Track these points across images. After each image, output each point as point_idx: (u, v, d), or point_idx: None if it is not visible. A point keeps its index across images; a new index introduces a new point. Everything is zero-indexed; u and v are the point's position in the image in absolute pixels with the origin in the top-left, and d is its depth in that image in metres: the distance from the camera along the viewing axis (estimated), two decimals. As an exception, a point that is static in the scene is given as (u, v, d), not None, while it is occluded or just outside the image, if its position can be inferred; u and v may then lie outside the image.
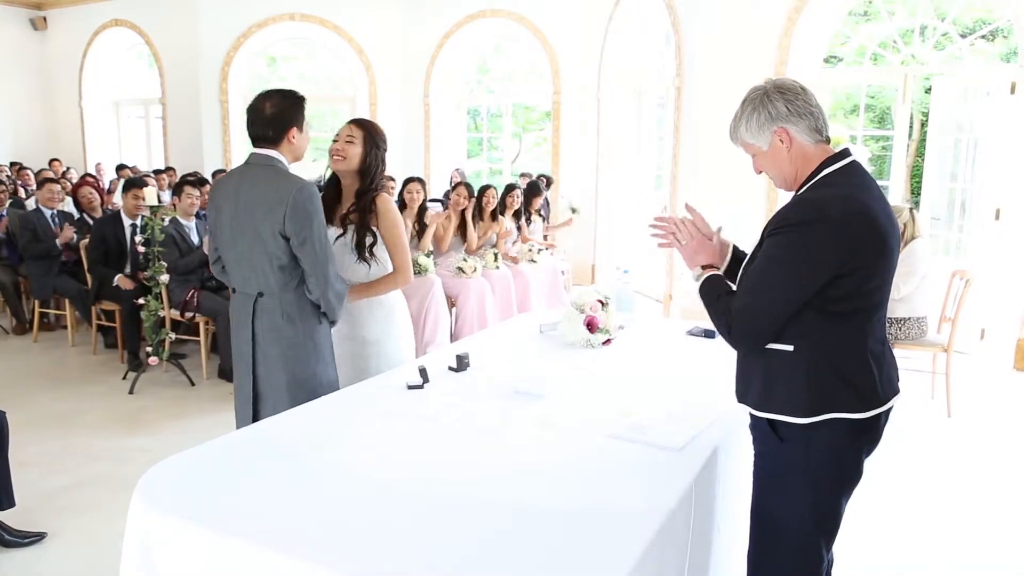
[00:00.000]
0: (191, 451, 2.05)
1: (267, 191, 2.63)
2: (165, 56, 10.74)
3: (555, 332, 3.26)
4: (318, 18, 10.31)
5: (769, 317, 1.82)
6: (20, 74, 12.07)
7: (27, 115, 12.24)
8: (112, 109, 12.33)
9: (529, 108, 16.89)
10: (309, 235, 2.61)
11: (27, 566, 3.13)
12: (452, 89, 10.60)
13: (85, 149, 12.07)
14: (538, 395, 2.46)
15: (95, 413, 4.89)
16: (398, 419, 2.28)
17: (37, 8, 12.05)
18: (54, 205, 6.70)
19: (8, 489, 3.24)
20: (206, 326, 5.60)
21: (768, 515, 1.98)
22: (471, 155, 11.48)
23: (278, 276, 2.67)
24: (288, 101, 2.71)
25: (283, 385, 2.72)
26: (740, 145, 2.02)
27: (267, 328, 2.71)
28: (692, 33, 6.84)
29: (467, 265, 5.91)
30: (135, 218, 5.99)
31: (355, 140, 2.94)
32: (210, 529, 1.68)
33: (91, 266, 5.99)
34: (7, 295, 7.02)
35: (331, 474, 1.92)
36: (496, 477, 1.91)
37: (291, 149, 2.73)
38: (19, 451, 3.34)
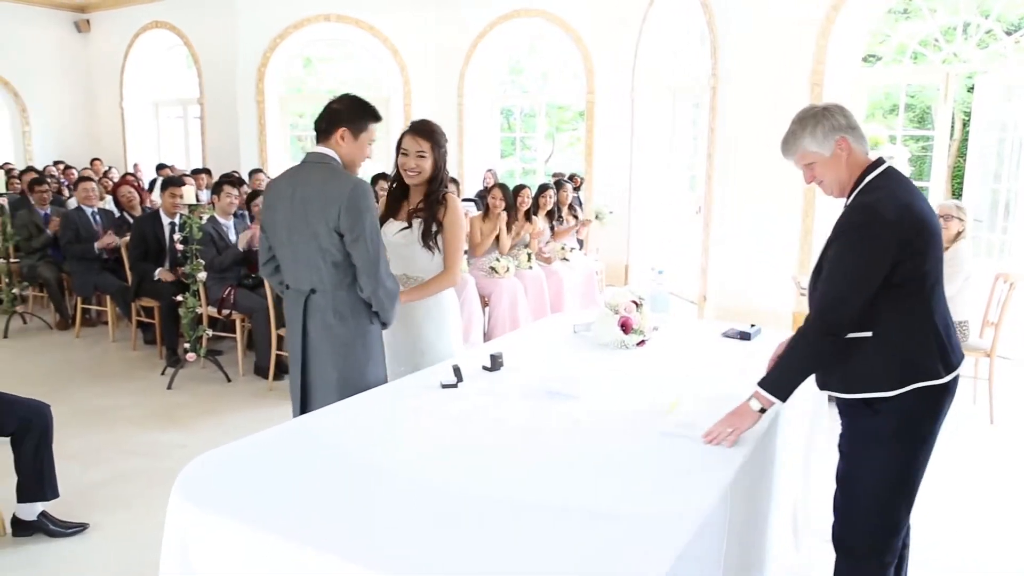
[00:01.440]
0: (228, 446, 2.08)
1: (322, 188, 2.64)
2: (203, 57, 10.90)
3: (589, 333, 3.25)
4: (353, 19, 10.39)
5: (851, 308, 2.07)
6: (65, 76, 12.34)
7: (71, 116, 12.51)
8: (152, 109, 12.55)
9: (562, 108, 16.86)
10: (362, 232, 2.62)
11: (71, 556, 3.20)
12: (486, 89, 10.62)
13: (125, 149, 12.29)
14: (572, 396, 2.45)
15: (134, 408, 4.98)
16: (432, 418, 2.29)
17: (81, 11, 12.30)
18: (91, 203, 6.83)
19: (53, 481, 3.32)
20: (242, 323, 5.67)
21: (856, 484, 2.19)
22: (504, 155, 11.48)
23: (331, 273, 2.69)
24: (352, 105, 2.75)
25: (333, 383, 2.73)
26: (796, 157, 2.24)
27: (319, 326, 2.73)
28: (727, 33, 6.78)
29: (500, 265, 5.92)
30: (173, 216, 6.09)
31: (426, 154, 2.99)
32: (246, 524, 1.70)
33: (132, 264, 6.10)
34: (51, 291, 7.17)
35: (365, 472, 1.93)
36: (529, 477, 1.91)
37: (340, 150, 2.73)
38: (62, 444, 3.41)
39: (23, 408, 3.28)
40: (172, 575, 1.84)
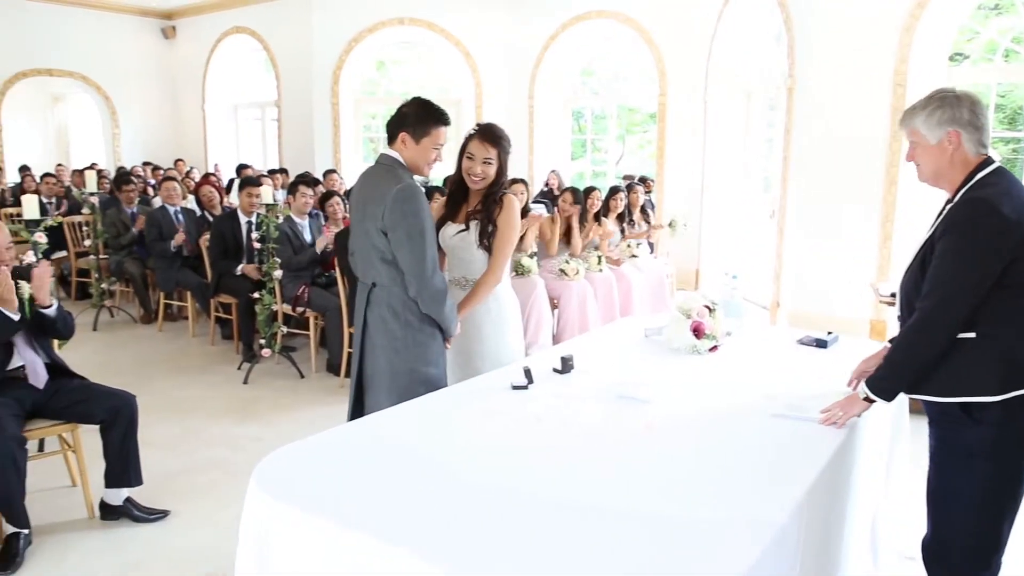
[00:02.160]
0: (304, 441, 2.13)
1: (374, 189, 2.75)
2: (281, 61, 11.19)
3: (660, 337, 3.21)
4: (426, 22, 10.51)
5: (961, 307, 2.00)
6: (151, 80, 12.85)
7: (157, 118, 13.02)
8: (231, 112, 12.95)
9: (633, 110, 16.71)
10: (404, 233, 2.68)
11: (153, 540, 3.33)
12: (557, 91, 10.61)
13: (206, 150, 12.72)
14: (643, 400, 2.43)
15: (212, 401, 5.14)
16: (503, 419, 2.30)
17: (168, 19, 12.79)
18: (174, 202, 7.08)
19: (137, 468, 3.46)
20: (316, 321, 5.80)
21: (952, 497, 2.11)
22: (575, 157, 11.45)
23: (385, 270, 2.77)
24: (416, 110, 2.79)
25: (384, 376, 2.80)
26: (907, 130, 2.18)
27: (376, 318, 2.81)
28: (805, 32, 6.62)
29: (570, 267, 5.90)
30: (251, 215, 6.27)
31: (492, 161, 2.99)
32: (321, 517, 1.73)
33: (212, 261, 6.30)
34: (136, 286, 7.47)
35: (438, 471, 1.95)
36: (600, 481, 1.90)
37: (406, 150, 2.79)
38: (145, 433, 3.55)
39: (112, 398, 3.43)
40: (249, 563, 1.90)
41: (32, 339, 3.43)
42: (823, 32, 6.42)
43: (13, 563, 3.07)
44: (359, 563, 1.63)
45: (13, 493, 3.10)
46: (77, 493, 3.61)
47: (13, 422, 3.16)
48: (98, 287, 7.26)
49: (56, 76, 12.02)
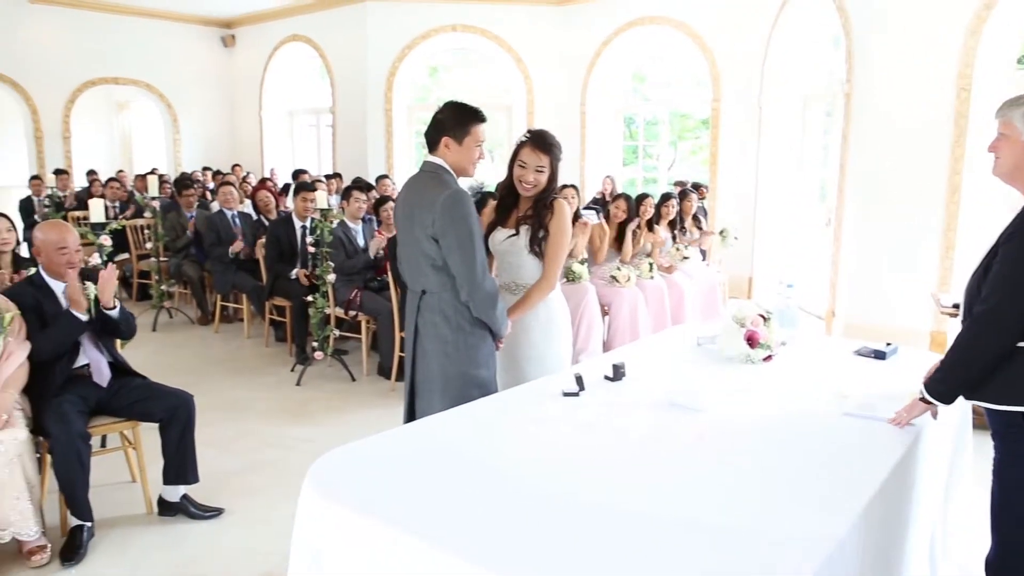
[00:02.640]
0: (357, 443, 2.15)
1: (422, 196, 2.78)
2: (336, 68, 11.38)
3: (713, 345, 3.18)
4: (479, 28, 10.59)
5: (1020, 311, 1.98)
6: (211, 87, 13.18)
7: (215, 124, 13.34)
8: (287, 118, 13.20)
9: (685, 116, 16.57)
10: (454, 239, 2.71)
11: (209, 537, 3.41)
12: (608, 96, 10.58)
13: (263, 155, 12.98)
14: (696, 409, 2.40)
15: (266, 401, 5.24)
16: (554, 425, 2.30)
17: (227, 27, 13.11)
18: (231, 206, 7.24)
19: (194, 466, 3.54)
20: (367, 325, 5.87)
21: (1016, 512, 2.07)
22: (626, 163, 11.39)
23: (435, 276, 2.80)
24: (453, 113, 2.83)
25: (437, 380, 2.84)
26: (1001, 120, 2.14)
27: (427, 324, 2.85)
28: (865, 35, 6.48)
29: (621, 274, 5.87)
30: (305, 220, 6.38)
31: (545, 168, 3.01)
32: (373, 518, 1.75)
33: (267, 265, 6.42)
34: (194, 288, 7.66)
35: (489, 476, 1.95)
36: (652, 490, 1.88)
37: (449, 155, 2.82)
38: (201, 432, 3.62)
39: (170, 397, 3.52)
40: (302, 563, 1.92)
41: (96, 339, 3.54)
42: (883, 35, 6.28)
43: (77, 554, 3.17)
44: (410, 566, 1.64)
45: (78, 486, 3.20)
46: (137, 489, 3.71)
47: (79, 418, 3.27)
48: (158, 289, 7.46)
49: (121, 84, 12.40)
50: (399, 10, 10.58)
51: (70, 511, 3.25)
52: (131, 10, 11.82)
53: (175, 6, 11.97)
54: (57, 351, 3.37)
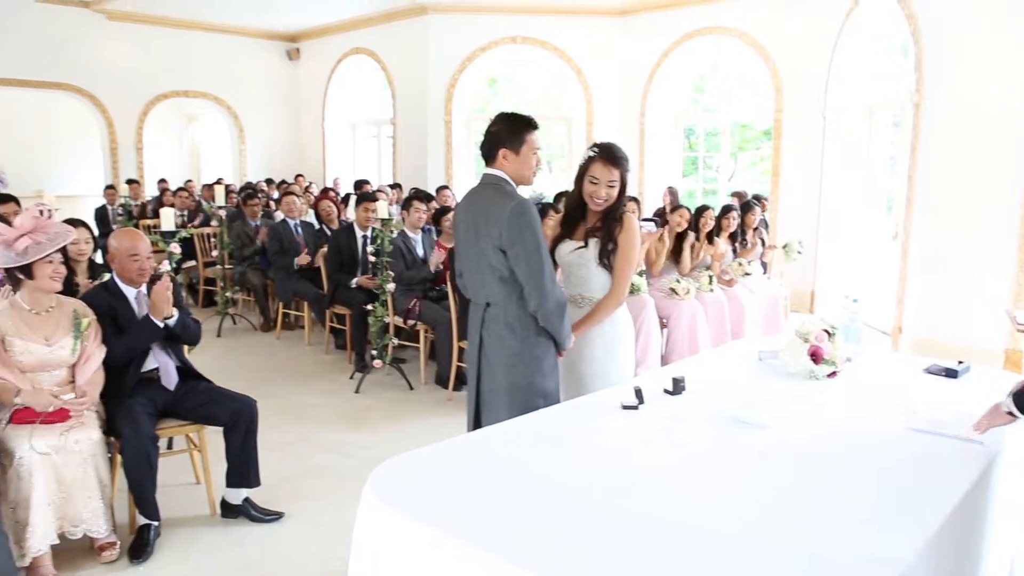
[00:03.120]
0: (418, 451, 2.17)
1: (487, 208, 2.79)
2: (397, 80, 11.56)
3: (775, 360, 3.11)
4: (539, 40, 10.64)
5: None
6: (276, 100, 13.53)
7: (280, 135, 13.68)
8: (349, 129, 13.44)
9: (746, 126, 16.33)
10: (522, 249, 2.72)
11: (269, 540, 3.47)
12: (669, 107, 10.51)
13: (325, 166, 13.24)
14: (758, 425, 2.35)
15: (325, 408, 5.32)
16: (613, 438, 2.28)
17: (292, 41, 13.44)
18: (294, 216, 7.40)
19: (256, 470, 3.61)
20: (426, 334, 5.92)
21: None
22: (685, 174, 11.29)
23: (501, 288, 2.81)
24: (506, 124, 2.85)
25: (503, 392, 2.84)
26: None
27: (492, 337, 2.86)
28: (936, 43, 6.31)
29: (680, 287, 5.80)
30: (366, 229, 6.47)
31: (616, 183, 3.01)
32: (432, 527, 1.76)
33: (329, 273, 6.54)
34: (257, 296, 7.84)
35: (547, 487, 1.95)
36: (714, 507, 1.85)
37: (508, 166, 2.84)
38: (262, 436, 3.69)
39: (234, 402, 3.60)
40: (361, 568, 1.95)
41: (165, 343, 3.65)
42: (955, 43, 6.10)
43: (144, 552, 3.26)
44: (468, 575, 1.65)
45: (146, 486, 3.30)
46: (201, 490, 3.80)
47: (148, 420, 3.37)
48: (223, 296, 7.66)
49: (192, 97, 12.83)
50: (459, 22, 10.70)
51: (138, 510, 3.35)
52: (202, 25, 12.22)
53: (243, 21, 12.34)
54: (131, 355, 3.48)
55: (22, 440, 3.02)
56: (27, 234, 3.18)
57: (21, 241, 3.17)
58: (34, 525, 2.97)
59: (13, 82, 10.95)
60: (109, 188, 10.69)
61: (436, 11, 10.66)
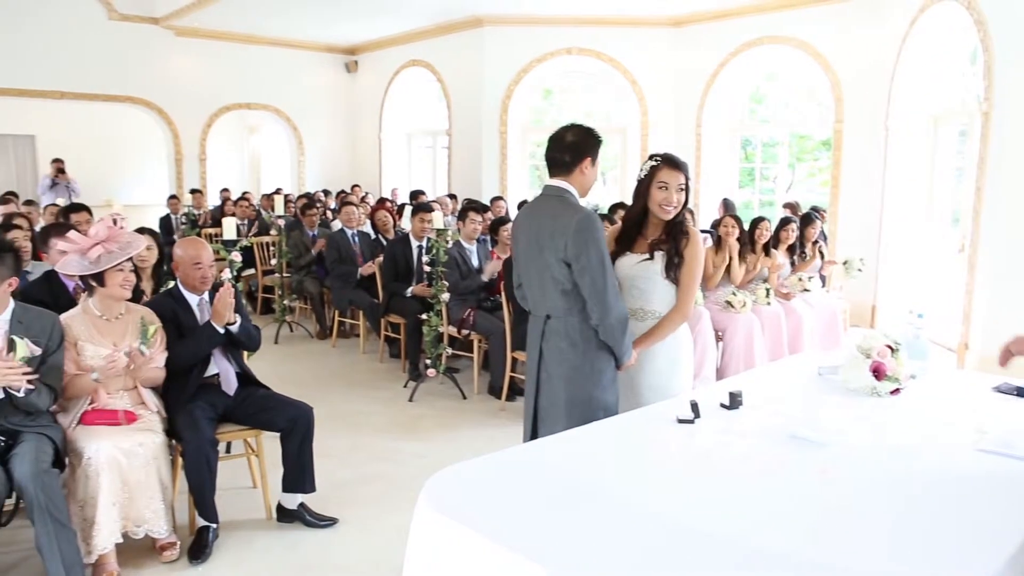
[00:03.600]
0: (473, 461, 2.18)
1: (553, 220, 2.79)
2: (453, 92, 11.67)
3: (835, 376, 3.04)
4: (594, 51, 10.63)
5: None
6: (334, 112, 13.80)
7: (337, 146, 13.94)
8: (405, 140, 13.62)
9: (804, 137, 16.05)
10: (588, 262, 2.71)
11: (323, 545, 3.52)
12: (725, 118, 10.40)
13: (381, 176, 13.43)
14: (819, 442, 2.30)
15: (379, 416, 5.37)
16: (669, 453, 2.26)
17: (351, 53, 13.69)
18: (352, 225, 7.51)
19: (311, 476, 3.66)
20: (479, 344, 5.94)
21: None
22: (742, 185, 11.14)
23: (563, 301, 2.80)
24: (588, 134, 2.89)
25: (562, 405, 2.83)
26: None
27: (552, 349, 2.85)
28: (1006, 51, 6.11)
29: (736, 299, 5.72)
30: (422, 240, 6.53)
31: (683, 187, 3.01)
32: (487, 537, 1.77)
33: (384, 283, 6.61)
34: (314, 304, 7.97)
35: (603, 500, 1.94)
36: (772, 526, 1.81)
37: (581, 180, 2.86)
38: (317, 443, 3.74)
39: (291, 408, 3.66)
40: (415, 574, 1.96)
41: (226, 350, 3.73)
42: (1027, 52, 5.91)
43: (203, 554, 3.34)
44: (523, 587, 1.65)
45: (206, 489, 3.38)
46: (257, 495, 3.88)
47: (208, 425, 3.45)
48: (280, 303, 7.80)
49: (253, 109, 13.16)
50: (515, 34, 10.76)
51: (198, 512, 3.43)
52: (264, 40, 12.53)
53: (304, 35, 12.62)
54: (193, 361, 3.57)
55: (90, 441, 3.12)
56: (100, 243, 3.30)
57: (94, 250, 3.28)
58: (100, 524, 3.06)
59: (86, 96, 11.39)
60: (172, 198, 11.01)
61: (491, 23, 10.74)
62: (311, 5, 10.41)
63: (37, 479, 2.85)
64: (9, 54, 10.66)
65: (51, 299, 3.72)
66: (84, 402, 3.30)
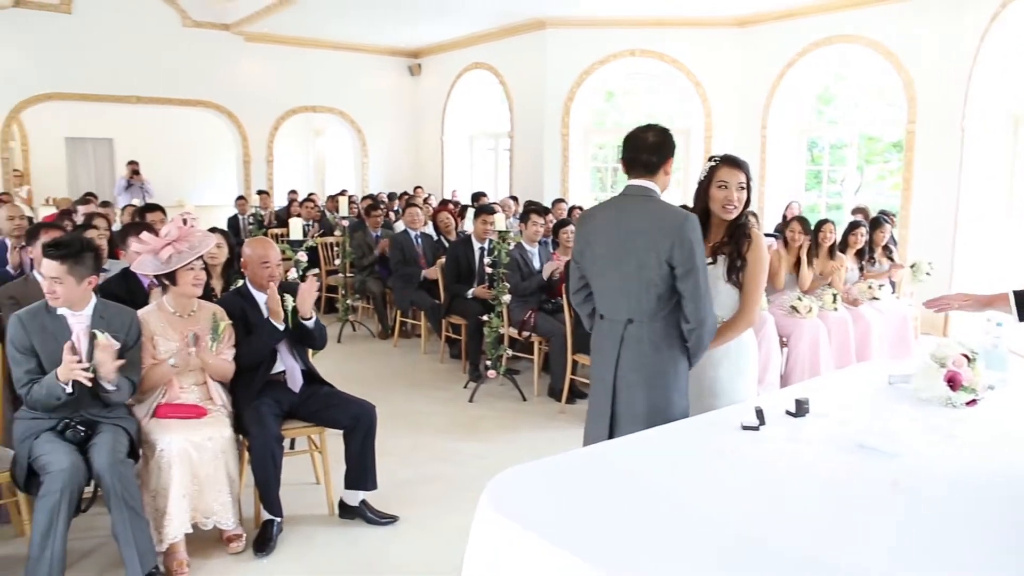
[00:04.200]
0: (536, 463, 2.18)
1: (651, 220, 2.71)
2: (515, 94, 11.71)
3: (907, 385, 2.95)
4: (657, 53, 10.55)
5: None
6: (397, 114, 13.99)
7: (400, 148, 14.13)
8: (467, 142, 13.72)
9: (874, 139, 15.61)
10: (694, 266, 2.65)
11: (383, 542, 3.57)
12: (791, 119, 10.19)
13: (443, 178, 13.56)
14: (889, 453, 2.23)
15: (439, 416, 5.42)
16: (733, 460, 2.22)
17: (414, 57, 13.86)
18: (416, 227, 7.59)
19: (373, 473, 3.71)
20: (540, 346, 5.94)
21: None
22: (808, 188, 10.89)
23: (652, 304, 2.73)
24: (668, 134, 2.86)
25: (642, 411, 2.76)
26: None
27: (633, 354, 2.78)
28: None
29: (802, 304, 5.59)
30: (483, 241, 6.57)
31: (744, 186, 2.96)
32: (549, 540, 1.76)
33: (446, 284, 6.67)
34: (376, 304, 8.09)
35: (665, 506, 1.92)
36: (839, 538, 1.76)
37: (664, 181, 2.83)
38: (379, 442, 3.79)
39: (355, 406, 3.72)
40: (474, 574, 1.97)
41: (292, 347, 3.82)
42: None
43: (268, 546, 3.42)
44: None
45: (271, 483, 3.46)
46: (320, 491, 3.94)
47: (274, 421, 3.53)
48: (344, 303, 7.94)
49: (319, 112, 13.44)
50: (577, 36, 10.74)
51: (263, 506, 3.51)
52: (329, 43, 12.79)
53: (368, 38, 12.83)
54: (255, 358, 3.66)
55: (163, 433, 3.22)
56: (171, 243, 3.41)
57: (165, 250, 3.40)
58: (171, 514, 3.16)
59: (161, 100, 11.80)
60: (240, 199, 11.31)
61: (554, 25, 10.74)
62: (375, 9, 10.57)
63: (114, 469, 2.96)
64: (90, 62, 11.10)
65: (128, 295, 3.86)
66: (158, 395, 3.41)
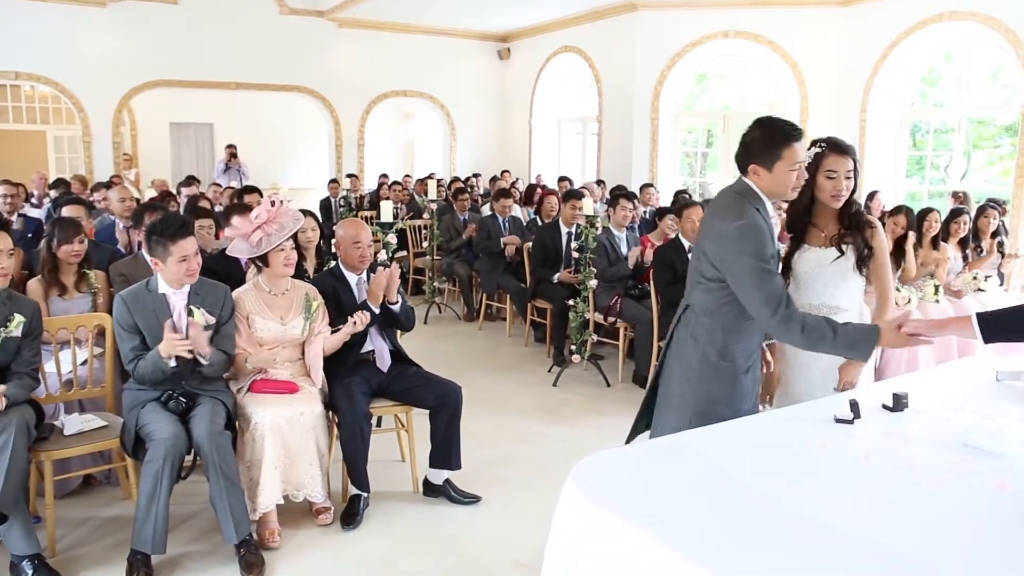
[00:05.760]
0: (622, 449, 2.18)
1: (714, 217, 2.66)
2: (604, 77, 11.58)
3: (1017, 383, 2.80)
4: (752, 34, 10.24)
5: None
6: (486, 98, 14.05)
7: (488, 132, 14.20)
8: (555, 126, 13.67)
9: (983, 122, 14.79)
10: (736, 274, 2.53)
11: (467, 522, 3.62)
12: (893, 102, 9.74)
13: (531, 162, 13.56)
14: (996, 453, 2.12)
15: (523, 399, 5.45)
16: (825, 453, 2.15)
17: (503, 41, 13.88)
18: (506, 214, 7.62)
19: (458, 453, 3.78)
20: (625, 332, 5.89)
21: None
22: (909, 174, 10.42)
23: (700, 296, 2.68)
24: (759, 135, 2.58)
25: (675, 400, 2.73)
26: None
27: (678, 341, 2.75)
28: None
29: (900, 296, 5.35)
30: (571, 226, 6.54)
31: (851, 173, 2.84)
32: (633, 526, 1.75)
33: (532, 268, 6.68)
34: (462, 286, 8.18)
35: (752, 497, 1.87)
36: (941, 539, 1.68)
37: (759, 184, 2.60)
38: (463, 422, 3.85)
39: (441, 386, 3.78)
40: (558, 559, 1.97)
41: (381, 329, 3.90)
42: None
43: (355, 520, 3.52)
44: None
45: (359, 459, 3.55)
46: (405, 468, 4.03)
47: (363, 399, 3.62)
48: (431, 285, 8.06)
49: (409, 96, 13.62)
50: (669, 18, 10.53)
51: (351, 480, 3.61)
52: (420, 28, 12.93)
53: (457, 23, 12.91)
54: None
55: (257, 407, 3.35)
56: (260, 227, 3.52)
57: (255, 234, 3.52)
58: (264, 485, 3.29)
59: (258, 86, 12.17)
60: (332, 182, 11.59)
61: (645, 7, 10.56)
62: (466, -7, 10.62)
63: (212, 439, 3.10)
64: (192, 50, 11.54)
65: (225, 273, 4.01)
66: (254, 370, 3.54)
